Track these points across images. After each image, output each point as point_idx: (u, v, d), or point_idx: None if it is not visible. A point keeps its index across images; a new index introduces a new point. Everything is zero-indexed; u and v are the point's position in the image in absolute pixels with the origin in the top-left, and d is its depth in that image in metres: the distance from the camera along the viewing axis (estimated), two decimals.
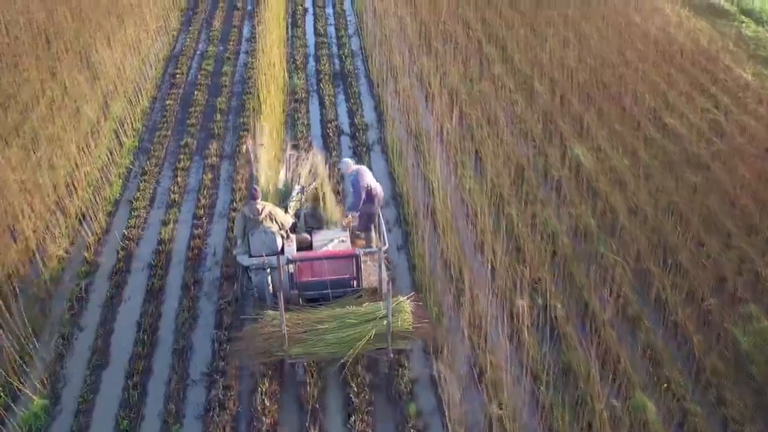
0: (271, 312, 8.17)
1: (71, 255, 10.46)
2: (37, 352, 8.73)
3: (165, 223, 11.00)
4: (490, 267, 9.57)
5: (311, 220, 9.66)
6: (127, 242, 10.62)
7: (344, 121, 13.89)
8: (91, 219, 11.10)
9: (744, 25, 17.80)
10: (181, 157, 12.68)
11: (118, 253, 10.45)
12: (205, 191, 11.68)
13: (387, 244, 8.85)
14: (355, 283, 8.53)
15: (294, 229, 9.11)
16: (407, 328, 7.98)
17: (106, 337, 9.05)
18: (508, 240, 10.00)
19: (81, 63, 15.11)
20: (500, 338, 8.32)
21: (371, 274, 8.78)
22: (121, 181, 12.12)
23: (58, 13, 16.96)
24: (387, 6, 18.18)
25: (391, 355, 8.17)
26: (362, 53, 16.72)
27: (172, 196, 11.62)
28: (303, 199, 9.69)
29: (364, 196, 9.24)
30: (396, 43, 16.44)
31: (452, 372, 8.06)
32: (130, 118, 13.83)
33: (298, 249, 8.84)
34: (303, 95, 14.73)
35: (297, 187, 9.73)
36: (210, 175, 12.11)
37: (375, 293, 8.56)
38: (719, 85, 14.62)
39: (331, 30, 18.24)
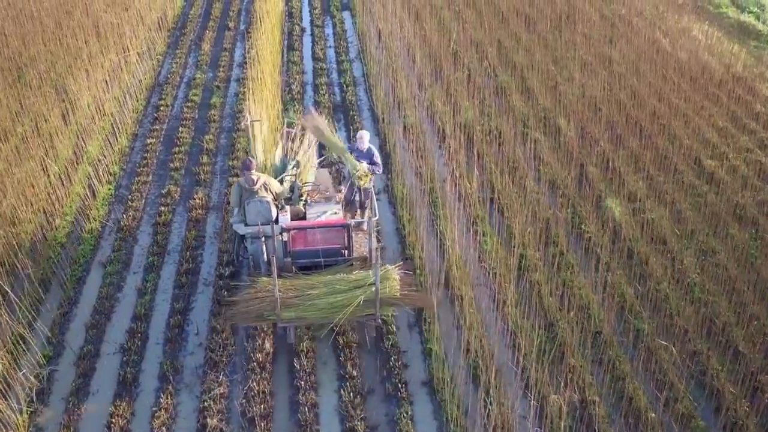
0: (264, 278, 8.47)
1: (32, 334, 9.04)
2: None
3: (141, 293, 9.59)
4: (518, 353, 8.23)
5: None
6: (97, 317, 9.23)
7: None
8: (58, 286, 9.73)
9: None
10: (162, 209, 11.20)
11: (87, 331, 9.05)
12: (188, 252, 10.25)
13: (377, 215, 9.23)
14: (346, 252, 8.79)
15: (289, 201, 9.33)
16: (395, 294, 8.29)
17: None
18: (538, 317, 8.67)
19: (56, 95, 13.63)
20: None
21: (362, 244, 9.02)
22: (93, 238, 10.67)
23: (33, 39, 15.49)
24: (392, 27, 16.64)
25: (379, 321, 8.45)
26: (365, 81, 15.13)
27: (151, 258, 10.19)
28: (298, 173, 9.76)
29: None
30: (402, 70, 14.95)
31: None
32: (107, 160, 12.37)
33: (293, 221, 9.02)
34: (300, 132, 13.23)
35: (292, 162, 9.83)
36: (194, 232, 10.65)
37: (365, 262, 8.73)
38: (760, 119, 13.28)
39: (331, 54, 16.61)
